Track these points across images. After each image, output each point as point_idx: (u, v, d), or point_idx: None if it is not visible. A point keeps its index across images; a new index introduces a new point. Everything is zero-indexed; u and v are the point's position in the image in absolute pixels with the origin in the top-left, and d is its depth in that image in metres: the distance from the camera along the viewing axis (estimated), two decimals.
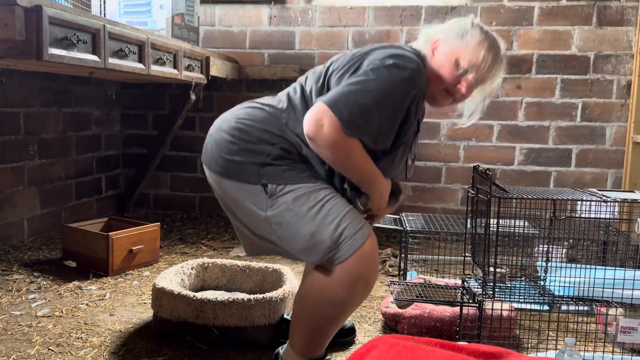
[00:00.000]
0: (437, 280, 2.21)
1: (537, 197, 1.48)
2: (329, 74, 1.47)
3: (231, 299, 1.74)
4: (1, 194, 2.67)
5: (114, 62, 2.05)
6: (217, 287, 2.18)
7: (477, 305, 1.65)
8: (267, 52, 3.49)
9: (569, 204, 1.54)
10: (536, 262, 1.97)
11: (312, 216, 1.38)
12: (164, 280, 1.92)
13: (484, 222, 1.54)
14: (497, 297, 1.55)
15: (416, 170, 3.42)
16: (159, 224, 2.70)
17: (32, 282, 2.30)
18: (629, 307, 1.62)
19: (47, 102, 2.93)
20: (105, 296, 2.20)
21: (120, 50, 2.09)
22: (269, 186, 1.42)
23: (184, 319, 1.76)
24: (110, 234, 2.44)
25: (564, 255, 2.36)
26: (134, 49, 2.20)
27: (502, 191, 1.49)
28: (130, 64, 2.18)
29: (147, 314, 2.01)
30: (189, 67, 2.73)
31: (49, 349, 1.72)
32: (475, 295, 1.66)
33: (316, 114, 1.33)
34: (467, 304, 1.70)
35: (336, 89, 1.38)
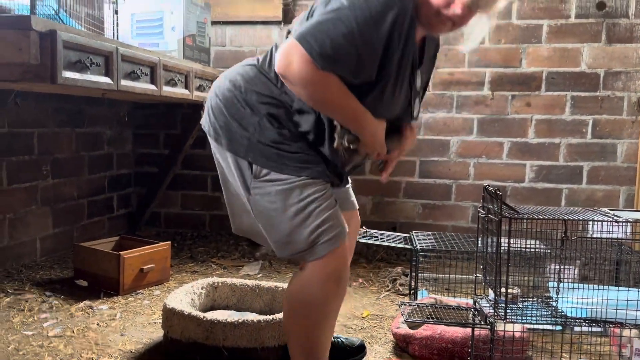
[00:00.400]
0: (448, 300, 2.20)
1: (548, 217, 1.47)
2: (312, 12, 1.37)
3: (241, 320, 1.74)
4: (15, 214, 2.70)
5: (126, 83, 2.08)
6: (227, 307, 2.18)
7: (489, 326, 1.64)
8: None
9: (580, 224, 1.53)
10: (548, 282, 1.95)
11: (291, 215, 1.37)
12: (175, 300, 1.93)
13: (495, 241, 1.53)
14: (509, 318, 1.54)
15: (426, 187, 3.42)
16: (170, 242, 2.71)
17: (43, 302, 2.32)
18: None
19: (60, 123, 2.97)
20: (116, 316, 2.20)
21: (132, 72, 2.12)
22: (254, 166, 1.40)
23: (194, 340, 1.76)
24: (121, 253, 2.45)
25: (576, 274, 2.34)
26: (146, 70, 2.23)
27: (513, 211, 1.48)
28: (142, 86, 2.21)
29: (158, 334, 2.01)
30: (200, 87, 2.76)
31: None
32: (487, 316, 1.65)
33: (285, 49, 1.27)
34: (479, 326, 1.69)
35: (308, 21, 1.30)
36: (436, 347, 1.80)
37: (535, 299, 1.72)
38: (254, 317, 1.77)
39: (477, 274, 1.74)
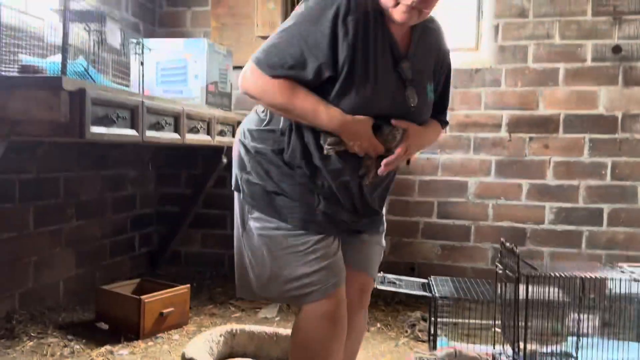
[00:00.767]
0: (468, 350, 2.18)
1: (565, 275, 1.47)
2: None
3: None
4: (39, 257, 2.76)
5: (151, 134, 2.15)
6: (244, 355, 2.19)
7: None
8: None
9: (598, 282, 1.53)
10: (567, 334, 1.93)
11: (269, 262, 1.44)
12: (193, 349, 1.95)
13: (513, 295, 1.54)
14: None
15: (445, 228, 3.42)
16: (189, 286, 2.74)
17: (65, 346, 2.35)
18: None
19: (85, 166, 3.06)
20: None
21: (157, 123, 2.19)
22: (246, 206, 1.49)
23: None
24: (142, 297, 2.49)
25: (597, 323, 2.31)
26: (170, 120, 2.30)
27: (531, 268, 1.49)
28: (166, 135, 2.27)
29: None
30: (221, 133, 2.82)
31: None
32: None
33: (242, 70, 1.40)
34: None
35: None
36: None
37: (554, 357, 1.71)
38: None
39: (496, 328, 1.73)
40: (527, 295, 1.42)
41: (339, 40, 1.30)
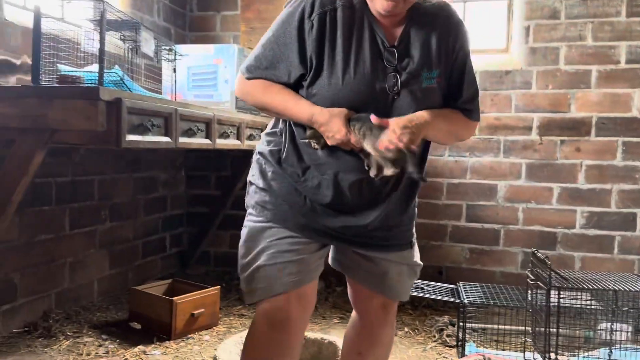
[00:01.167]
0: (497, 357, 2.17)
1: (598, 287, 1.46)
2: None
3: None
4: (75, 257, 2.84)
5: (183, 140, 2.19)
6: None
7: None
8: None
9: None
10: (599, 344, 1.91)
11: (241, 254, 1.44)
12: (224, 351, 1.99)
13: (544, 305, 1.53)
14: None
15: (473, 232, 3.40)
16: (219, 287, 2.78)
17: (100, 346, 2.42)
18: None
19: (119, 169, 3.13)
20: None
21: (189, 129, 2.23)
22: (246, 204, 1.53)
23: None
24: (174, 298, 2.54)
25: (629, 331, 2.27)
26: (202, 126, 2.34)
27: (562, 280, 1.48)
28: (198, 141, 2.32)
29: None
30: (250, 137, 2.86)
31: None
32: None
33: None
34: None
35: None
36: None
37: None
38: None
39: (527, 338, 1.72)
40: (559, 307, 1.41)
41: (305, 38, 1.35)
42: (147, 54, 2.31)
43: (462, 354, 2.33)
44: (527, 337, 1.75)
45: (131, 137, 1.86)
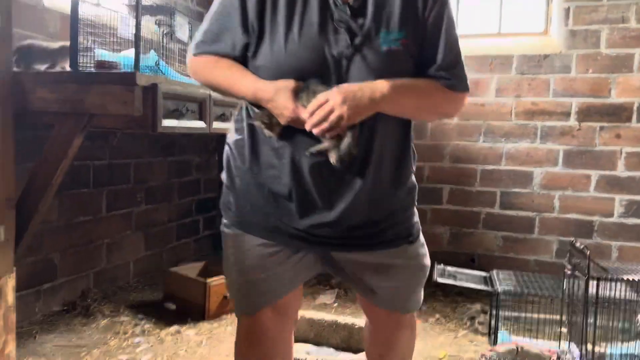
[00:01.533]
0: (530, 345, 2.14)
1: (637, 278, 1.42)
2: None
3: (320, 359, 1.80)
4: (111, 239, 2.91)
5: (217, 125, 2.21)
6: (305, 340, 2.25)
7: None
8: None
9: None
10: (637, 336, 1.87)
11: (224, 265, 1.39)
12: None
13: (581, 296, 1.50)
14: None
15: (507, 219, 3.35)
16: None
17: (136, 325, 2.48)
18: None
19: (154, 153, 3.18)
20: (202, 342, 2.33)
21: (222, 114, 2.25)
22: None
23: None
24: (207, 280, 2.58)
25: None
26: (235, 111, 2.35)
27: (602, 270, 1.45)
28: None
29: None
30: None
31: None
32: None
33: None
34: None
35: None
36: None
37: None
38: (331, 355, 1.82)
39: (562, 328, 1.70)
40: (597, 299, 1.38)
41: (247, 4, 1.20)
42: (181, 39, 2.33)
43: (495, 342, 2.31)
44: (562, 327, 1.72)
45: (167, 122, 1.88)
